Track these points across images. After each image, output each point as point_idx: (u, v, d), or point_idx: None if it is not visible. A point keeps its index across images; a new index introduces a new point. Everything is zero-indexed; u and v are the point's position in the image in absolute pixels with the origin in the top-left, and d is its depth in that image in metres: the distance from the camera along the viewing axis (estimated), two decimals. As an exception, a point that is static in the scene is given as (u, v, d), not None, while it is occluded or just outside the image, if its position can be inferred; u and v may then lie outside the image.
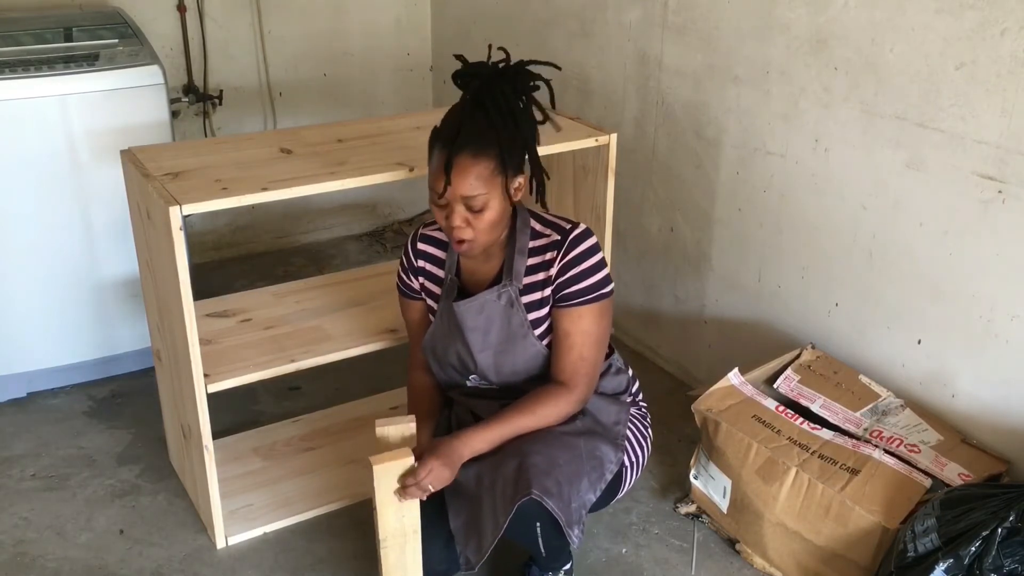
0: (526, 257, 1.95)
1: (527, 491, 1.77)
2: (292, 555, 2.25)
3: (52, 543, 2.28)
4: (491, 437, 1.89)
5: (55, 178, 2.61)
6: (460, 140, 1.80)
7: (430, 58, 3.96)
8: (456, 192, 1.80)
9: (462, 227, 1.84)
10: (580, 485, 1.88)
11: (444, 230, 1.89)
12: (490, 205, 1.84)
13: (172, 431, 2.47)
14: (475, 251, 1.90)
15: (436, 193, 1.83)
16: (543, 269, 1.94)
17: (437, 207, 1.86)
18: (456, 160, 1.79)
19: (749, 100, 2.53)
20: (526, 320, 1.95)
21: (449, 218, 1.84)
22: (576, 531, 1.84)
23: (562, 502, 1.80)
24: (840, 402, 2.26)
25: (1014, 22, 1.91)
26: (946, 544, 1.79)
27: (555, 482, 1.80)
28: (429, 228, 2.09)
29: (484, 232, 1.86)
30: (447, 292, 2.01)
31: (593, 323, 1.94)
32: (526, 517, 1.81)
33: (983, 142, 2.01)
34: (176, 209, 1.92)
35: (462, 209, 1.83)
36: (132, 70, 2.64)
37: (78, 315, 2.77)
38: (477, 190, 1.81)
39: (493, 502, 1.83)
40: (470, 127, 1.81)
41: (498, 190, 1.84)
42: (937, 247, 2.16)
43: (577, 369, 1.94)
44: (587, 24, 3.03)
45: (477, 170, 1.80)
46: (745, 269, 2.68)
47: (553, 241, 1.94)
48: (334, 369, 2.47)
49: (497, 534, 1.81)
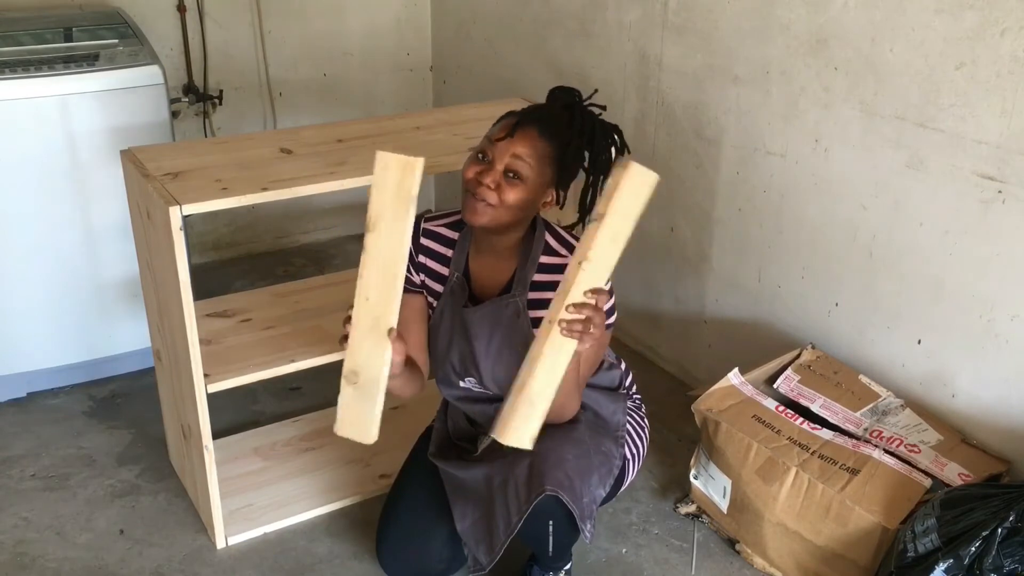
0: (536, 269, 1.94)
1: (541, 488, 1.77)
2: (292, 555, 2.25)
3: (52, 543, 2.28)
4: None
5: (55, 178, 2.61)
6: (539, 115, 1.85)
7: (430, 58, 3.96)
8: (509, 148, 1.80)
9: (490, 189, 1.81)
10: (591, 480, 1.89)
11: (467, 189, 1.84)
12: (528, 182, 1.82)
13: (172, 431, 2.47)
14: (484, 220, 1.84)
15: (491, 142, 1.83)
16: (552, 288, 1.92)
17: (476, 162, 1.84)
18: (527, 125, 1.82)
19: (749, 100, 2.53)
20: (530, 333, 1.94)
21: (483, 174, 1.81)
22: (589, 525, 1.85)
23: (575, 497, 1.81)
24: (840, 402, 2.26)
25: (1014, 22, 1.91)
26: (946, 544, 1.79)
27: (566, 477, 1.81)
28: (434, 223, 2.05)
29: (506, 206, 1.82)
30: (454, 292, 1.99)
31: (591, 351, 1.93)
32: (540, 515, 1.82)
33: (983, 142, 2.01)
34: (176, 209, 1.92)
35: (501, 169, 1.81)
36: (132, 70, 2.64)
37: (78, 315, 2.77)
38: (528, 158, 1.81)
39: (505, 502, 1.83)
40: (551, 115, 1.86)
41: (541, 178, 1.84)
42: (937, 247, 2.16)
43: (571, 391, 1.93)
44: (587, 24, 3.03)
45: (537, 144, 1.82)
46: (745, 269, 2.68)
47: (566, 263, 1.92)
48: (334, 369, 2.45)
49: (510, 533, 1.81)
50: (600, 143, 1.91)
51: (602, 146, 1.91)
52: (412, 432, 2.33)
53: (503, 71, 3.47)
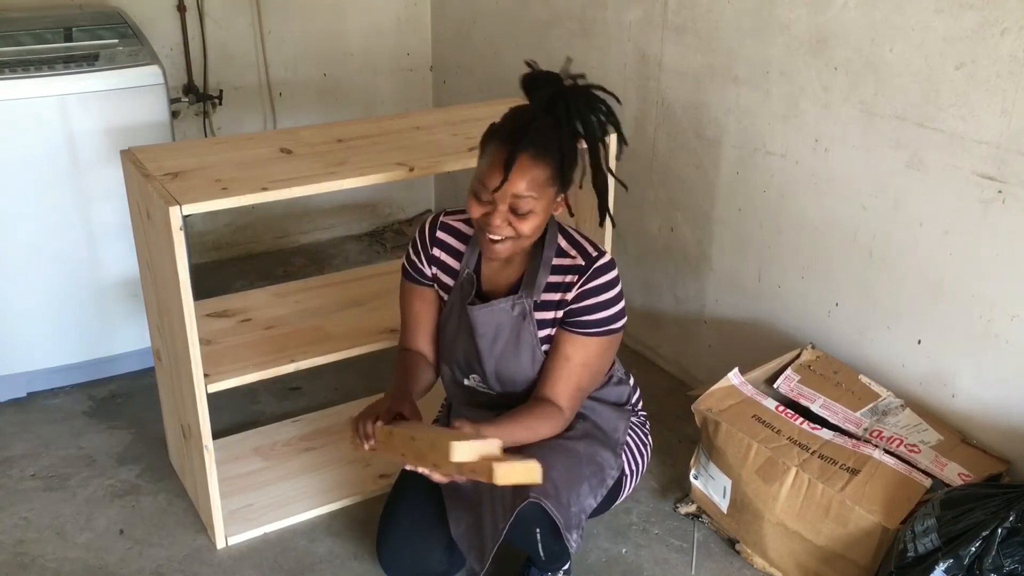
0: (548, 272, 1.93)
1: (525, 496, 1.76)
2: (292, 555, 2.25)
3: (52, 543, 2.28)
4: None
5: (55, 178, 2.61)
6: (527, 139, 1.76)
7: (430, 58, 3.96)
8: (508, 190, 1.77)
9: (501, 226, 1.80)
10: (580, 490, 1.88)
11: (479, 228, 1.85)
12: (535, 212, 1.80)
13: (172, 431, 2.47)
14: (505, 254, 1.86)
15: (486, 188, 1.79)
16: (561, 290, 1.92)
17: (479, 203, 1.81)
18: (519, 157, 1.75)
19: (749, 100, 2.53)
20: (536, 334, 1.94)
21: (490, 216, 1.80)
22: (575, 536, 1.83)
23: (560, 506, 1.80)
24: (840, 402, 2.26)
25: (1014, 22, 1.91)
26: (946, 544, 1.79)
27: (552, 486, 1.80)
28: (452, 217, 2.04)
29: (523, 236, 1.82)
30: (462, 289, 1.98)
31: (597, 355, 1.93)
32: (526, 522, 1.81)
33: (983, 142, 2.01)
34: (176, 209, 1.92)
35: (506, 209, 1.79)
36: (132, 70, 2.64)
37: (78, 315, 2.77)
38: (529, 192, 1.77)
39: (493, 509, 1.83)
40: (538, 129, 1.78)
41: (546, 200, 1.81)
42: (937, 247, 2.16)
43: (573, 397, 1.93)
44: (587, 24, 3.03)
45: (534, 173, 1.77)
46: (745, 269, 2.68)
47: (577, 265, 1.92)
48: (334, 369, 2.47)
49: (497, 540, 1.81)
50: (591, 124, 1.85)
51: (593, 125, 1.86)
52: (412, 432, 2.33)
53: (503, 71, 3.47)
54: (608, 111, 1.88)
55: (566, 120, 1.82)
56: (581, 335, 1.91)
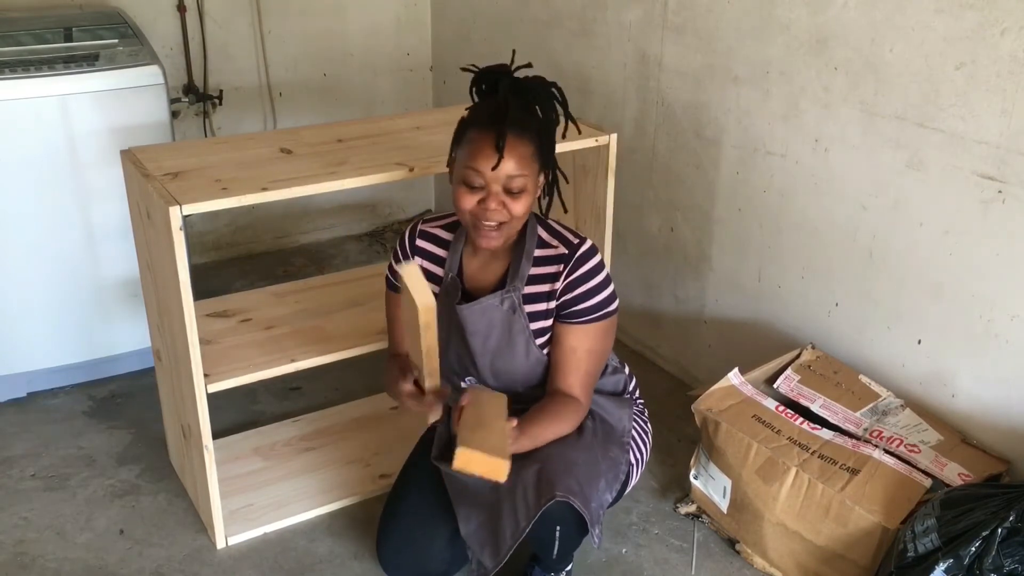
0: (531, 263, 1.94)
1: (552, 494, 1.77)
2: (292, 555, 2.25)
3: (52, 543, 2.28)
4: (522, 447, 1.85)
5: (55, 178, 2.61)
6: (508, 119, 1.78)
7: (430, 58, 3.96)
8: (503, 170, 1.78)
9: (498, 209, 1.81)
10: (599, 485, 1.90)
11: (471, 219, 1.85)
12: (527, 189, 1.83)
13: (172, 431, 2.47)
14: (499, 242, 1.87)
15: (480, 173, 1.80)
16: (547, 281, 1.93)
17: (471, 191, 1.82)
18: (507, 136, 1.77)
19: (749, 100, 2.53)
20: (528, 327, 1.94)
21: (486, 201, 1.81)
22: (598, 530, 1.85)
23: (585, 502, 1.81)
24: (840, 402, 2.26)
25: (1014, 22, 1.91)
26: (946, 544, 1.79)
27: (576, 482, 1.81)
28: (430, 224, 2.06)
29: (516, 217, 1.84)
30: (448, 292, 2.00)
31: (599, 340, 1.95)
32: (548, 520, 1.81)
33: (983, 142, 2.01)
34: (176, 209, 1.92)
35: (500, 191, 1.81)
36: (132, 70, 2.64)
37: (78, 315, 2.77)
38: (522, 169, 1.80)
39: (513, 507, 1.83)
40: (516, 108, 1.81)
41: (534, 176, 1.84)
42: (937, 247, 2.16)
43: (585, 384, 1.96)
44: (587, 24, 3.03)
45: (522, 150, 1.80)
46: (745, 269, 2.68)
47: (560, 254, 1.93)
48: (334, 369, 2.47)
49: (518, 538, 1.81)
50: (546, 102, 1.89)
51: (549, 104, 1.90)
52: (412, 432, 2.33)
53: (503, 71, 3.47)
54: (561, 95, 1.92)
55: (535, 100, 1.86)
56: (580, 324, 1.93)
